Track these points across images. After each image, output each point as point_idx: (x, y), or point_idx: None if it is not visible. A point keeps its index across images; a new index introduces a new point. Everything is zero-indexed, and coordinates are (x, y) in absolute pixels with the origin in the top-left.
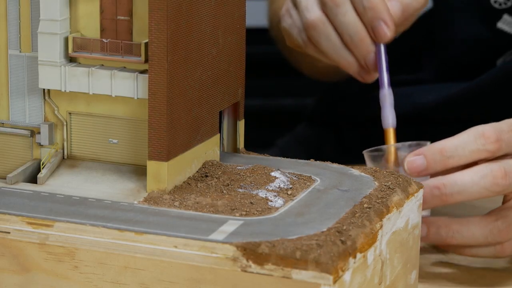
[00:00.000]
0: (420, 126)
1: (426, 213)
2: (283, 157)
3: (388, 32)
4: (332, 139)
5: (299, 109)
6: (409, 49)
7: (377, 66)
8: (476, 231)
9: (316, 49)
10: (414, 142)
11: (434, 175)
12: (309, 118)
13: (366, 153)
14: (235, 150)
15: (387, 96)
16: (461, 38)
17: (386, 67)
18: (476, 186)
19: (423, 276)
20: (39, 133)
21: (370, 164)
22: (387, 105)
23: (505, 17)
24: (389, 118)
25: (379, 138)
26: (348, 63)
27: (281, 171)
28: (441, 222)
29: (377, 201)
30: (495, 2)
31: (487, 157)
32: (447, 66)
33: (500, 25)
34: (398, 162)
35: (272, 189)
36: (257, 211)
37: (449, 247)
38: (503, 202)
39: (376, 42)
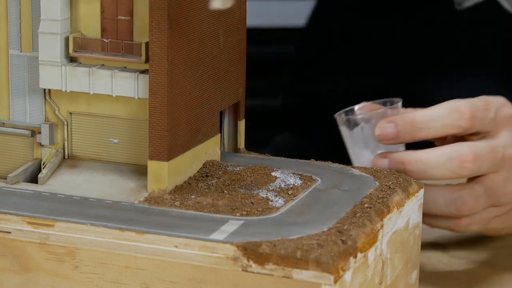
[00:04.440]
0: None
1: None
2: None
3: None
4: (315, 149)
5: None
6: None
7: None
8: (439, 199)
9: None
10: (388, 100)
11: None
12: (292, 127)
13: (338, 116)
14: (236, 150)
15: None
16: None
17: None
18: (441, 168)
19: (424, 276)
20: (39, 133)
21: (343, 128)
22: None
23: None
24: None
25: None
26: None
27: (288, 173)
28: None
29: (378, 201)
30: None
31: (458, 133)
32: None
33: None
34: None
35: (273, 189)
36: (257, 211)
37: None
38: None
39: None
